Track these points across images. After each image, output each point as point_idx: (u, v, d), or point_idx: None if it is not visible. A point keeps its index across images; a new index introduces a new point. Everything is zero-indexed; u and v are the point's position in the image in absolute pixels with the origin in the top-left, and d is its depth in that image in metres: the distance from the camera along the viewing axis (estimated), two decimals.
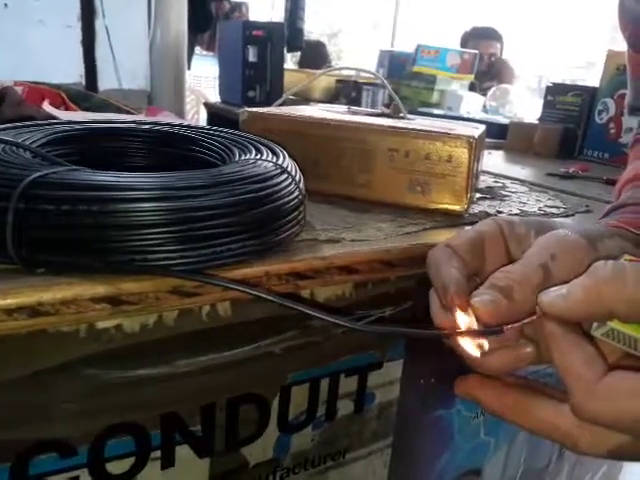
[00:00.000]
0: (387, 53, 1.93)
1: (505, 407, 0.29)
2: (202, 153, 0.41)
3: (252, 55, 1.46)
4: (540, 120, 1.06)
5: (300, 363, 0.38)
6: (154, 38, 1.63)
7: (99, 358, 0.30)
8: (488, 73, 2.36)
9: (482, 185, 0.62)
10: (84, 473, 0.32)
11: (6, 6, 1.41)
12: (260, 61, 1.47)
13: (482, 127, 0.54)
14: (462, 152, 0.46)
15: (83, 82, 1.54)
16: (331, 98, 1.71)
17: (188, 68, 1.94)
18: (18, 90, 0.74)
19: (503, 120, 1.29)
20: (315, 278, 0.35)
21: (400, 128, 0.48)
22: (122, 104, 0.88)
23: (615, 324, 0.24)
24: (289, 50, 2.44)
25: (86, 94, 0.93)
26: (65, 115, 0.68)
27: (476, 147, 0.47)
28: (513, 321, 0.27)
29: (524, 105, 1.66)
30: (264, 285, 0.33)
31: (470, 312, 0.27)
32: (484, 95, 1.76)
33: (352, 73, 1.69)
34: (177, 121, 0.64)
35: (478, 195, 0.57)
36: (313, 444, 0.41)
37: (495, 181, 0.67)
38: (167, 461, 0.35)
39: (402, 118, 0.56)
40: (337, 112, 0.57)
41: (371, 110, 0.64)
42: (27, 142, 0.35)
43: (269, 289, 0.33)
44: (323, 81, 1.70)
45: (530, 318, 0.27)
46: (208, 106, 1.87)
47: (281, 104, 0.61)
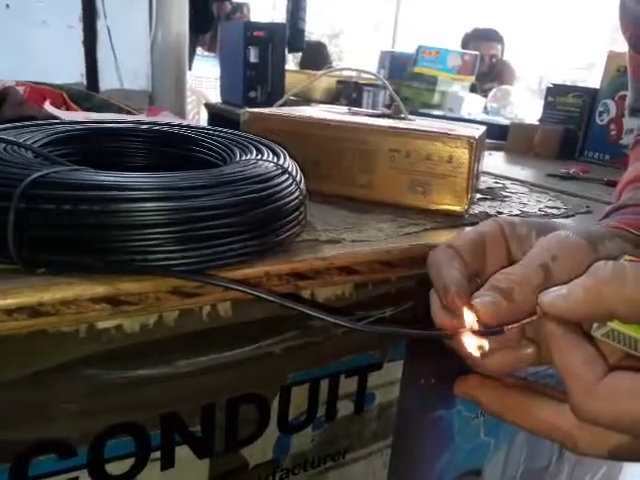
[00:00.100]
0: (388, 54, 1.94)
1: (505, 407, 0.29)
2: (203, 153, 0.41)
3: (253, 56, 1.46)
4: (541, 121, 1.06)
5: (300, 363, 0.38)
6: (155, 38, 1.63)
7: (99, 358, 0.30)
8: (489, 74, 2.36)
9: (483, 186, 0.62)
10: (84, 474, 0.32)
11: (8, 7, 1.41)
12: (261, 62, 1.48)
13: (483, 128, 0.54)
14: (463, 153, 0.46)
15: (84, 82, 1.54)
16: (332, 99, 1.71)
17: (189, 68, 1.94)
18: (20, 90, 0.74)
19: (504, 121, 1.29)
20: (315, 278, 0.35)
21: (401, 129, 0.48)
22: (123, 104, 0.88)
23: (615, 324, 0.24)
24: (290, 51, 2.44)
25: (87, 94, 0.93)
26: (66, 115, 0.68)
27: (477, 148, 0.47)
28: (513, 321, 0.27)
29: (525, 106, 1.66)
30: (264, 285, 0.33)
31: (471, 313, 0.27)
32: (485, 96, 1.76)
33: (353, 74, 1.70)
34: (178, 121, 0.64)
35: (479, 196, 0.57)
36: (313, 444, 0.41)
37: (496, 182, 0.67)
38: (167, 462, 0.35)
39: (403, 119, 0.56)
40: (338, 113, 0.57)
41: (372, 111, 0.64)
42: (28, 142, 0.35)
43: (269, 289, 0.33)
44: (324, 82, 1.70)
45: (530, 318, 0.26)
46: (209, 107, 1.87)
47: (282, 105, 0.61)
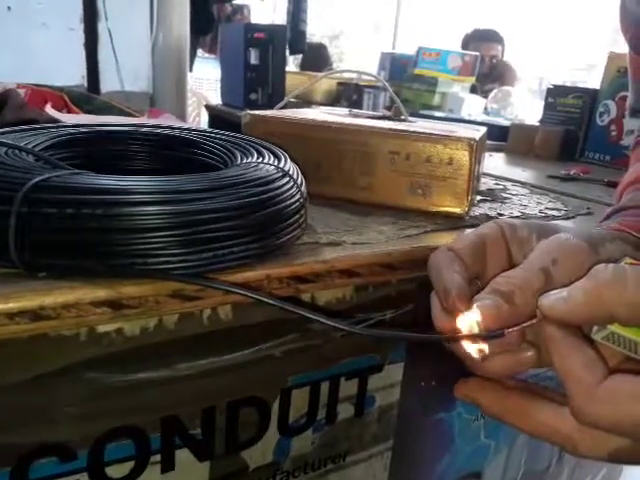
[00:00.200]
0: (388, 55, 1.94)
1: (505, 410, 0.29)
2: (204, 156, 0.41)
3: (254, 58, 1.46)
4: (541, 122, 1.06)
5: (300, 366, 0.38)
6: (156, 40, 1.64)
7: (100, 362, 0.30)
8: (490, 75, 2.36)
9: (483, 187, 0.63)
10: (84, 477, 0.32)
11: (9, 9, 1.42)
12: (262, 64, 1.48)
13: (483, 129, 0.54)
14: (463, 154, 0.46)
15: (85, 84, 1.54)
16: (332, 101, 1.71)
17: (190, 70, 1.94)
18: (21, 93, 0.74)
19: (504, 122, 1.28)
20: (316, 281, 0.35)
21: (401, 131, 0.48)
22: (124, 106, 0.89)
23: (615, 327, 0.24)
24: (292, 53, 2.45)
25: (88, 96, 0.94)
26: (67, 118, 0.69)
27: (477, 149, 0.47)
28: (514, 325, 0.27)
29: (525, 107, 1.66)
30: (265, 288, 0.33)
31: (472, 316, 0.27)
32: (485, 97, 1.76)
33: (353, 76, 1.70)
34: (179, 123, 0.64)
35: (479, 197, 0.57)
36: (313, 447, 0.41)
37: (496, 183, 0.67)
38: (167, 465, 0.35)
39: (403, 121, 0.56)
40: (338, 115, 0.57)
41: (372, 113, 0.64)
42: (30, 145, 0.35)
43: (270, 292, 0.33)
44: (325, 84, 1.70)
45: (530, 321, 0.26)
46: (209, 108, 1.87)
47: (283, 107, 0.61)
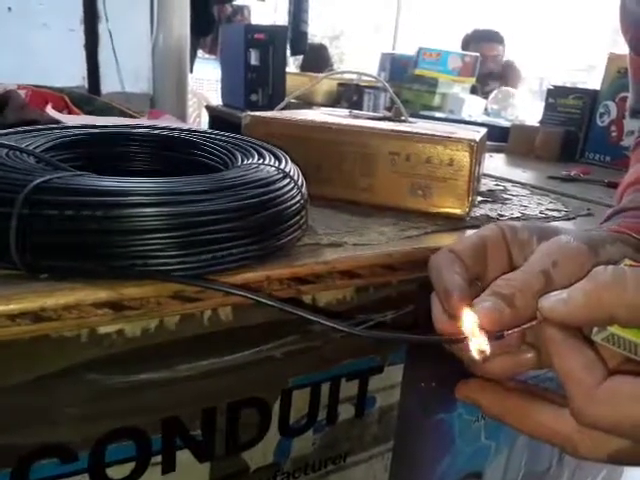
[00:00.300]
0: (389, 56, 1.94)
1: (505, 411, 0.29)
2: (205, 157, 0.41)
3: (254, 58, 1.46)
4: (541, 123, 1.06)
5: (301, 367, 0.38)
6: (157, 41, 1.64)
7: (101, 363, 0.30)
8: (490, 75, 2.36)
9: (483, 188, 0.63)
10: (85, 478, 0.32)
11: (10, 9, 1.42)
12: (262, 64, 1.48)
13: (483, 130, 0.54)
14: (463, 155, 0.46)
15: (86, 85, 1.54)
16: (333, 102, 1.71)
17: (190, 71, 1.94)
18: (21, 94, 0.74)
19: (504, 123, 1.29)
20: (317, 283, 0.35)
21: (401, 132, 0.48)
22: (125, 107, 0.89)
23: (615, 329, 0.24)
24: (293, 53, 2.45)
25: (89, 97, 0.94)
26: (68, 119, 0.69)
27: (477, 150, 0.47)
28: (514, 327, 0.27)
29: (526, 108, 1.66)
30: (265, 290, 0.33)
31: (472, 317, 0.27)
32: (486, 98, 1.76)
33: (354, 77, 1.70)
34: (179, 124, 0.64)
35: (479, 198, 0.57)
36: (314, 448, 0.41)
37: (496, 184, 0.67)
38: (168, 466, 0.35)
39: (403, 121, 0.56)
40: (339, 116, 0.57)
41: (373, 114, 0.64)
42: (31, 147, 0.35)
43: (270, 294, 0.33)
44: (325, 85, 1.70)
45: (530, 323, 0.27)
46: (210, 109, 1.87)
47: (283, 108, 0.61)
